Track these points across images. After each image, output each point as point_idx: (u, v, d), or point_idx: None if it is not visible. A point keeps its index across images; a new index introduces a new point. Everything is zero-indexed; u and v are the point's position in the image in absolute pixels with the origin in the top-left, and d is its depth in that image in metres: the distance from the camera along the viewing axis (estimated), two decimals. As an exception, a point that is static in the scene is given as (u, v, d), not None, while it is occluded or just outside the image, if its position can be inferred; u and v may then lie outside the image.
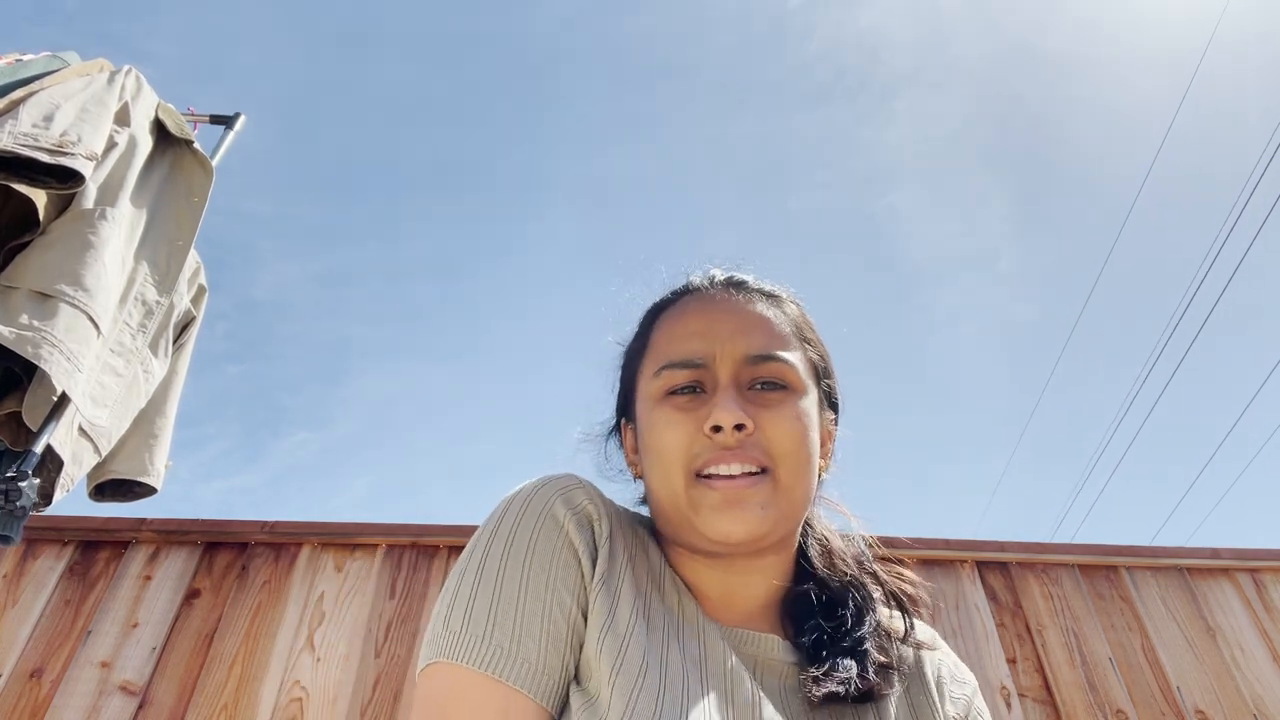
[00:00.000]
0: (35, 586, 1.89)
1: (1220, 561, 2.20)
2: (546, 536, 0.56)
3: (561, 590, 0.54)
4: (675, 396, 0.63)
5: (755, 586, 0.63)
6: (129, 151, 1.55)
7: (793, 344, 0.65)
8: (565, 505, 0.58)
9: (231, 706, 1.75)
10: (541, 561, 0.54)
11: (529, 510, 0.57)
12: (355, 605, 1.92)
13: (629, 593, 0.57)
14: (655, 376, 0.64)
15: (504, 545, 0.55)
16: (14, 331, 1.23)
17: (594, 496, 0.60)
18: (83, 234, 1.39)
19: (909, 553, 2.14)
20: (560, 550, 0.55)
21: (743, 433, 0.59)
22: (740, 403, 0.60)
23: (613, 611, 0.55)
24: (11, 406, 1.35)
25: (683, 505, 0.59)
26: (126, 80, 1.63)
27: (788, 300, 0.70)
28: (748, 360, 0.63)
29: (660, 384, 0.63)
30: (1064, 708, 1.89)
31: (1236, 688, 1.97)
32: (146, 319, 1.56)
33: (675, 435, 0.60)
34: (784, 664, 0.60)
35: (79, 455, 1.44)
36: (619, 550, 0.59)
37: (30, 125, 1.34)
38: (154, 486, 1.69)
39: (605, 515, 0.60)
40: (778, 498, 0.59)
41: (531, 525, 0.56)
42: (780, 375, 0.63)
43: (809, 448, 0.62)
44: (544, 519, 0.56)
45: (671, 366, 0.63)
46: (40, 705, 1.72)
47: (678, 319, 0.67)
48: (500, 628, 0.51)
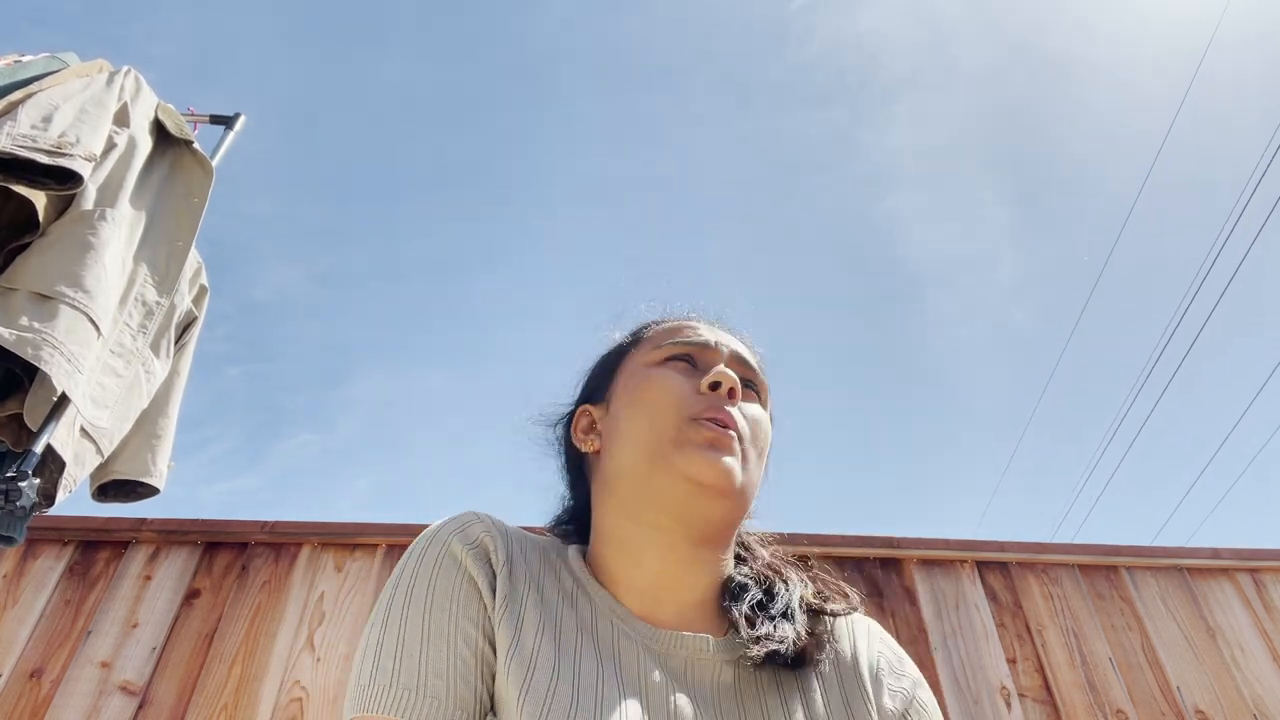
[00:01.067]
0: (35, 586, 1.89)
1: (1220, 561, 2.20)
2: (445, 575, 0.57)
3: (466, 624, 0.55)
4: (674, 362, 0.68)
5: (690, 579, 0.63)
6: (128, 152, 1.55)
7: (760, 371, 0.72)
8: (462, 541, 0.59)
9: (231, 706, 1.75)
10: (441, 600, 0.55)
11: (428, 554, 0.58)
12: (355, 605, 1.92)
13: (533, 614, 0.57)
14: (655, 348, 0.69)
15: (406, 592, 0.56)
16: (14, 333, 1.23)
17: (490, 528, 0.61)
18: (82, 235, 1.39)
19: (909, 553, 2.14)
20: (459, 585, 0.56)
21: (733, 399, 0.64)
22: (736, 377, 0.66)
23: (517, 636, 0.55)
24: (13, 408, 1.35)
25: (667, 443, 0.61)
26: (125, 81, 1.63)
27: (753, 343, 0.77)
28: (738, 359, 0.70)
29: (658, 353, 0.69)
30: (1064, 708, 1.89)
31: (1236, 688, 1.97)
32: (147, 320, 1.56)
33: (673, 388, 0.65)
34: (716, 660, 0.60)
35: (81, 456, 1.44)
36: (519, 574, 0.60)
37: (29, 126, 1.34)
38: (156, 487, 1.69)
39: (503, 543, 0.60)
40: (745, 471, 0.63)
41: (430, 566, 0.57)
42: (757, 381, 0.71)
43: (767, 451, 0.68)
44: (442, 559, 0.58)
45: (673, 343, 0.69)
46: (40, 705, 1.72)
47: (678, 321, 0.73)
48: (406, 670, 0.52)
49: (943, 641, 1.99)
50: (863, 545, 2.13)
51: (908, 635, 1.99)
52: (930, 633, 2.00)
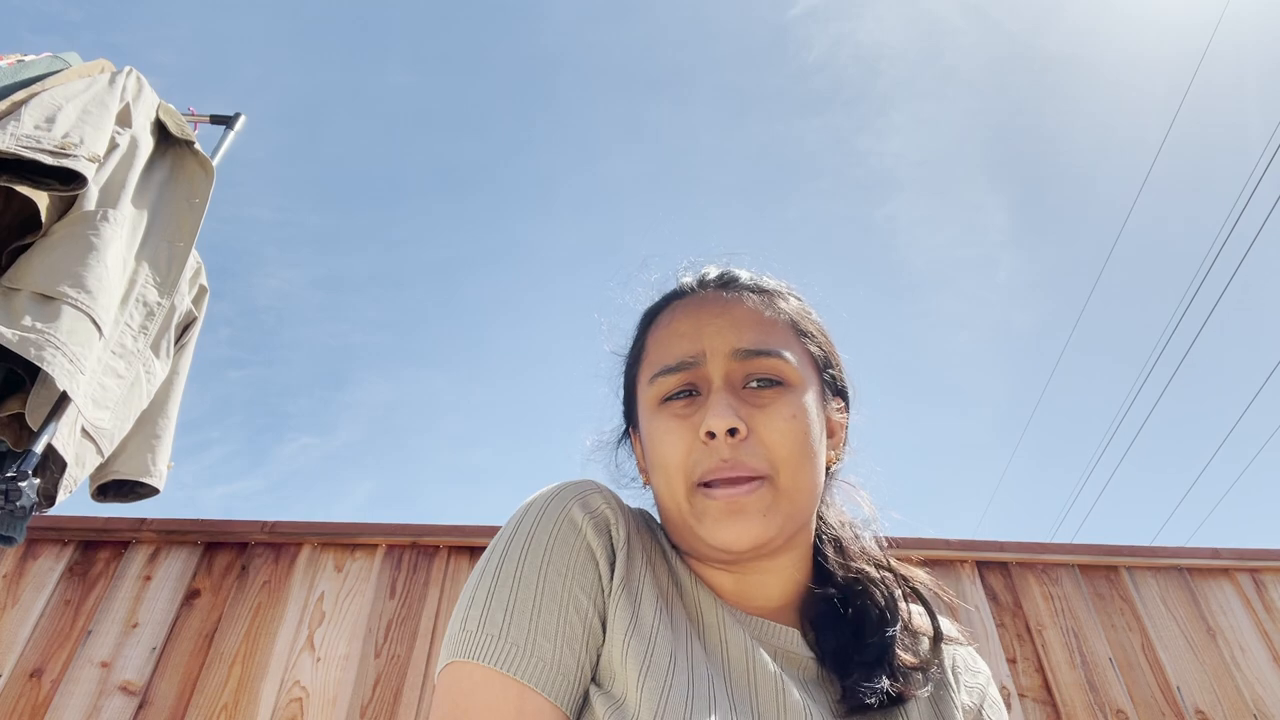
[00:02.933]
0: (35, 586, 1.89)
1: (1220, 561, 2.20)
2: (564, 540, 0.56)
3: (578, 593, 0.54)
4: (671, 403, 0.62)
5: (771, 586, 0.63)
6: (130, 153, 1.55)
7: (787, 337, 0.64)
8: (583, 509, 0.58)
9: (231, 706, 1.75)
10: (558, 564, 0.54)
11: (546, 514, 0.57)
12: (355, 605, 1.92)
13: (650, 595, 0.57)
14: (650, 384, 0.63)
15: (521, 548, 0.55)
16: (17, 333, 1.23)
17: (611, 501, 0.60)
18: (85, 236, 1.39)
19: (909, 553, 2.14)
20: (578, 553, 0.55)
21: (737, 437, 0.58)
22: (734, 404, 0.58)
23: (636, 614, 0.55)
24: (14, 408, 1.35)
25: (686, 515, 0.59)
26: (127, 81, 1.63)
27: (783, 293, 0.68)
28: (738, 355, 0.61)
29: (655, 390, 0.63)
30: (1064, 708, 1.90)
31: (1236, 688, 1.97)
32: (148, 320, 1.56)
33: (673, 444, 0.59)
34: (804, 658, 0.60)
35: (82, 456, 1.44)
36: (638, 553, 0.59)
37: (32, 127, 1.34)
38: (156, 487, 1.69)
39: (623, 519, 0.60)
40: (779, 502, 0.58)
41: (549, 529, 0.56)
42: (774, 370, 0.61)
43: (810, 445, 0.60)
44: (561, 523, 0.56)
45: (663, 373, 0.62)
46: (40, 705, 1.72)
47: (668, 322, 0.66)
48: (516, 626, 0.51)
49: (943, 642, 1.99)
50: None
51: (908, 635, 1.99)
52: (930, 633, 2.00)
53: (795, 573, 0.64)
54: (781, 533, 0.59)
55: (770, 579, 0.62)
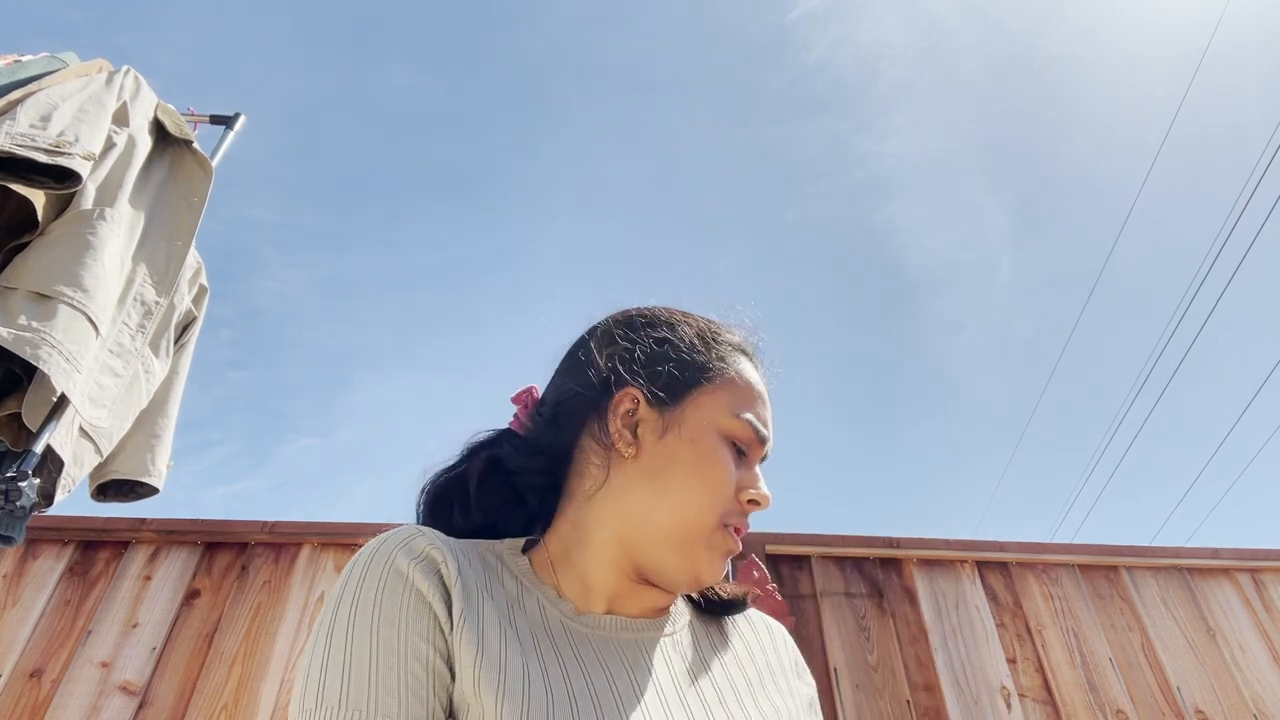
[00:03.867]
0: (35, 586, 1.89)
1: (1220, 561, 2.20)
2: (391, 590, 0.55)
3: (416, 640, 0.53)
4: (733, 448, 0.67)
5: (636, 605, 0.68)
6: (128, 152, 1.55)
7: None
8: (406, 555, 0.57)
9: (231, 706, 1.75)
10: (389, 616, 0.54)
11: (370, 570, 0.56)
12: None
13: (493, 619, 0.57)
14: (735, 417, 0.67)
15: (349, 610, 0.54)
16: (13, 332, 1.23)
17: (435, 540, 0.60)
18: (81, 235, 1.39)
19: (909, 553, 2.14)
20: (407, 600, 0.55)
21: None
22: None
23: (481, 643, 0.55)
24: (12, 408, 1.35)
25: (699, 537, 0.63)
26: (125, 80, 1.63)
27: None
28: (766, 456, 0.71)
29: (736, 427, 0.67)
30: (1064, 708, 1.89)
31: (1236, 688, 1.97)
32: (146, 319, 1.56)
33: (729, 479, 0.65)
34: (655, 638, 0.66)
35: (80, 456, 1.44)
36: (472, 584, 0.59)
37: (28, 125, 1.34)
38: (155, 487, 1.69)
39: (450, 555, 0.59)
40: None
41: (375, 584, 0.55)
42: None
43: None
44: (386, 574, 0.56)
45: (756, 431, 0.68)
46: (40, 705, 1.72)
47: (759, 384, 0.72)
48: (355, 690, 0.50)
49: (943, 642, 1.99)
50: (863, 545, 2.13)
51: (908, 635, 1.99)
52: (930, 633, 2.00)
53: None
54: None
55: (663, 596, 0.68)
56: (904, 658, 1.95)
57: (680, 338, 0.70)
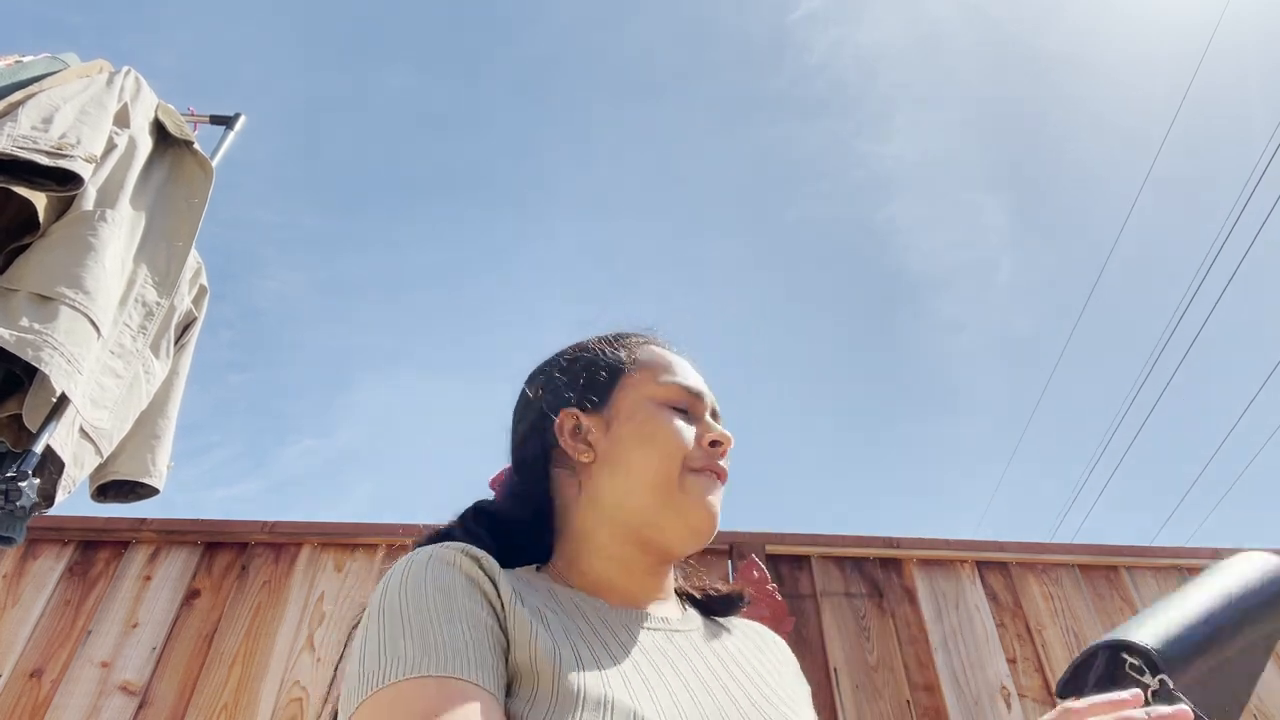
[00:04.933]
0: (35, 586, 1.89)
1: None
2: (443, 574, 0.57)
3: (471, 605, 0.55)
4: (676, 412, 0.72)
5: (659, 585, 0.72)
6: (128, 153, 1.55)
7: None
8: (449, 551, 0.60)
9: (231, 706, 1.75)
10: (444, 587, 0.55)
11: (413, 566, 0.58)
12: (355, 605, 1.92)
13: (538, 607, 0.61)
14: (660, 384, 0.73)
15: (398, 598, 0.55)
16: (14, 334, 1.23)
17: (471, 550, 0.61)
18: (83, 236, 1.39)
19: (909, 553, 2.14)
20: (458, 579, 0.57)
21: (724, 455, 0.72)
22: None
23: (534, 624, 0.57)
24: (13, 409, 1.35)
25: (672, 490, 0.67)
26: (125, 81, 1.63)
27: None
28: (713, 412, 0.76)
29: (665, 392, 0.73)
30: (1064, 708, 1.89)
31: (1236, 688, 1.97)
32: (147, 320, 1.56)
33: (680, 435, 0.70)
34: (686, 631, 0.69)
35: (80, 457, 1.44)
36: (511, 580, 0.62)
37: (29, 127, 1.34)
38: (156, 487, 1.69)
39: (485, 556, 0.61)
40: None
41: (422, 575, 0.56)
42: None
43: None
44: (436, 565, 0.58)
45: (684, 388, 0.74)
46: (40, 705, 1.72)
47: (674, 355, 0.78)
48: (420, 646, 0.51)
49: (943, 642, 1.99)
50: (863, 545, 2.13)
51: (908, 635, 1.99)
52: (930, 633, 2.00)
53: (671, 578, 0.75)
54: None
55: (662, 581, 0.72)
56: (904, 658, 1.95)
57: (591, 351, 0.78)
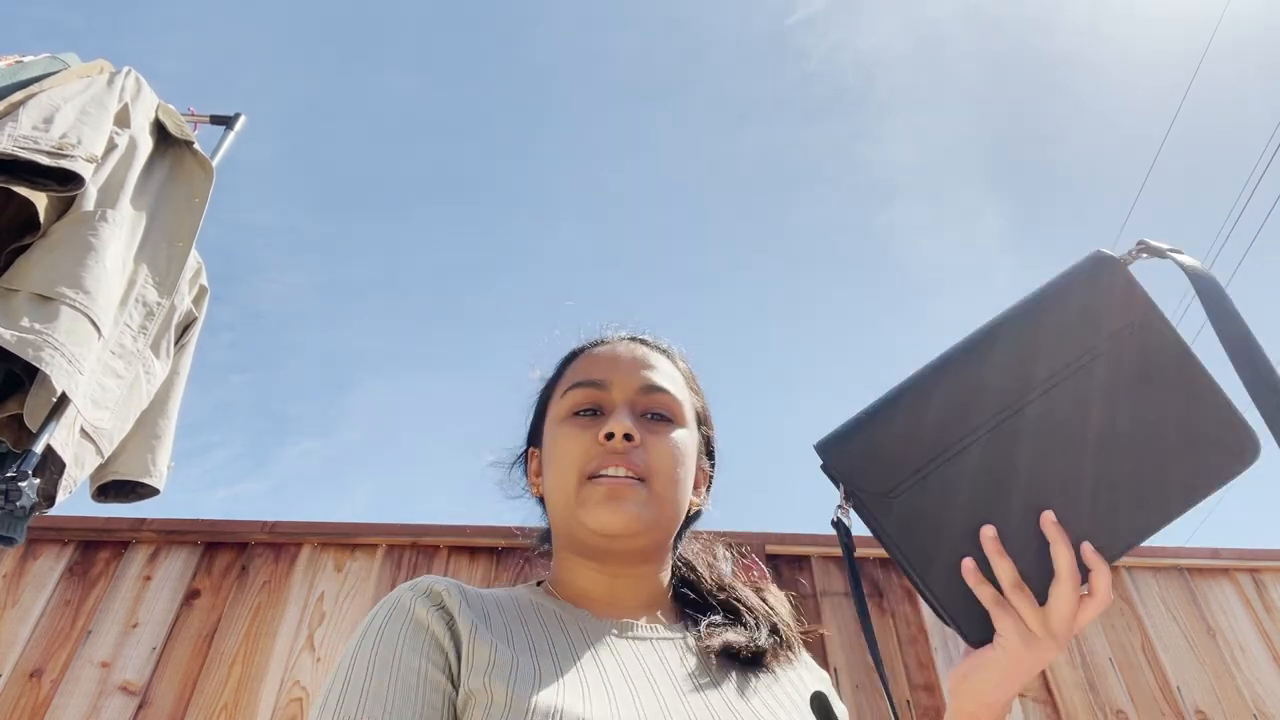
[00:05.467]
0: (35, 586, 1.89)
1: (1220, 561, 2.20)
2: (392, 622, 0.61)
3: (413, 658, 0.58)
4: (578, 417, 0.73)
5: (638, 591, 0.73)
6: (129, 153, 1.55)
7: (681, 388, 0.78)
8: (411, 592, 0.63)
9: (231, 706, 1.75)
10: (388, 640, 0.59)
11: (380, 614, 0.62)
12: (355, 605, 1.92)
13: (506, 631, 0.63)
14: (563, 397, 0.75)
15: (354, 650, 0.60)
16: (15, 334, 1.23)
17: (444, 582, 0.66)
18: (83, 236, 1.39)
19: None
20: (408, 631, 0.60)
21: (630, 443, 0.70)
22: (632, 420, 0.71)
23: (494, 648, 0.60)
24: (14, 409, 1.35)
25: (573, 503, 0.69)
26: (126, 81, 1.63)
27: (678, 356, 0.83)
28: (641, 390, 0.74)
29: (566, 403, 0.74)
30: (1064, 708, 1.90)
31: (1236, 688, 1.97)
32: (147, 320, 1.56)
33: (575, 444, 0.71)
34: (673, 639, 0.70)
35: (81, 457, 1.44)
36: (484, 608, 0.65)
37: (30, 128, 1.34)
38: (156, 487, 1.69)
39: (455, 588, 0.65)
40: (651, 504, 0.69)
41: (381, 622, 0.61)
42: (668, 407, 0.75)
43: (682, 472, 0.73)
44: (393, 612, 0.62)
45: (577, 385, 0.74)
46: (40, 705, 1.72)
47: (587, 356, 0.79)
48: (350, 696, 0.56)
49: (943, 642, 1.99)
50: (863, 545, 2.13)
51: (908, 635, 1.99)
52: (930, 634, 2.00)
53: (656, 583, 0.75)
54: (649, 531, 0.70)
55: (636, 584, 0.73)
56: (904, 658, 1.95)
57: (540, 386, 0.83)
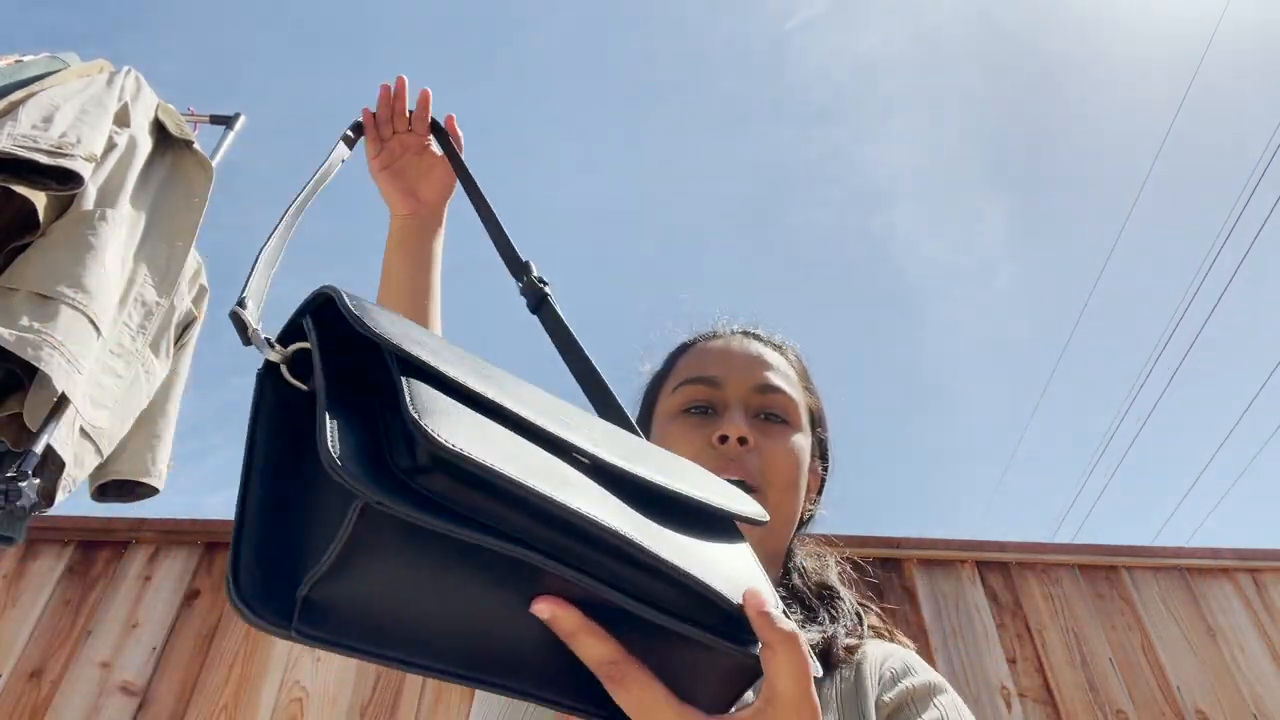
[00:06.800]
0: (35, 586, 1.89)
1: (1220, 561, 2.20)
2: None
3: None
4: (688, 415, 0.69)
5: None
6: (129, 152, 1.55)
7: (796, 387, 0.73)
8: None
9: (231, 706, 1.75)
10: None
11: None
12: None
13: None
14: (673, 393, 0.72)
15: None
16: (14, 333, 1.23)
17: None
18: (83, 235, 1.39)
19: (909, 553, 2.14)
20: None
21: (745, 447, 0.65)
22: (747, 422, 0.67)
23: None
24: (13, 408, 1.35)
25: None
26: (126, 81, 1.63)
27: (792, 351, 0.79)
28: (756, 389, 0.70)
29: (677, 399, 0.71)
30: (1064, 708, 1.89)
31: (1236, 688, 1.97)
32: (147, 320, 1.56)
33: (686, 446, 0.66)
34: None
35: (80, 457, 1.44)
36: None
37: (29, 127, 1.34)
38: (156, 487, 1.69)
39: None
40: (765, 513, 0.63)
41: None
42: (783, 408, 0.70)
43: (797, 479, 0.69)
44: None
45: (689, 382, 0.71)
46: (40, 705, 1.72)
47: (699, 352, 0.75)
48: None
49: (943, 642, 1.99)
50: (863, 545, 2.13)
51: (908, 635, 1.98)
52: (930, 633, 2.00)
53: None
54: (759, 545, 0.62)
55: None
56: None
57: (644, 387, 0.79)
